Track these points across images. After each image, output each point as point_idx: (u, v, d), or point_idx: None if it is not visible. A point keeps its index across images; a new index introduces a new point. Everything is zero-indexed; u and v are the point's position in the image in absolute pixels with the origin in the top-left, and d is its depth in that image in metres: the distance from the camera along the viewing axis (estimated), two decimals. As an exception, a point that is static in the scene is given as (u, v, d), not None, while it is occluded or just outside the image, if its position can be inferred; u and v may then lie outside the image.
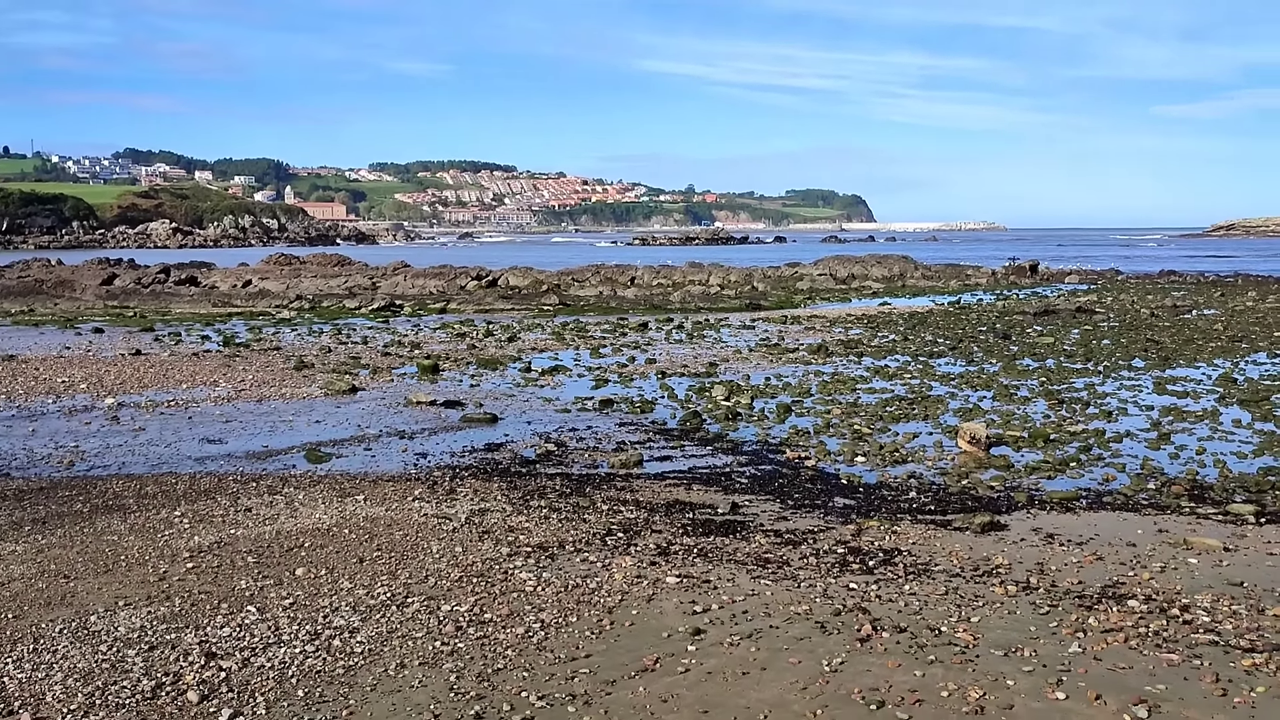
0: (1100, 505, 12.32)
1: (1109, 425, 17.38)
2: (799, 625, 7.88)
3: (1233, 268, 76.92)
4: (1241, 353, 27.30)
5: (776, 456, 14.94)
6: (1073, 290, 55.13)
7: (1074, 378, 22.73)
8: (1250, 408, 18.86)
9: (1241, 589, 8.82)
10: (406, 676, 7.07)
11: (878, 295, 52.89)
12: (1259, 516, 11.65)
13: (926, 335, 31.59)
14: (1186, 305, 42.93)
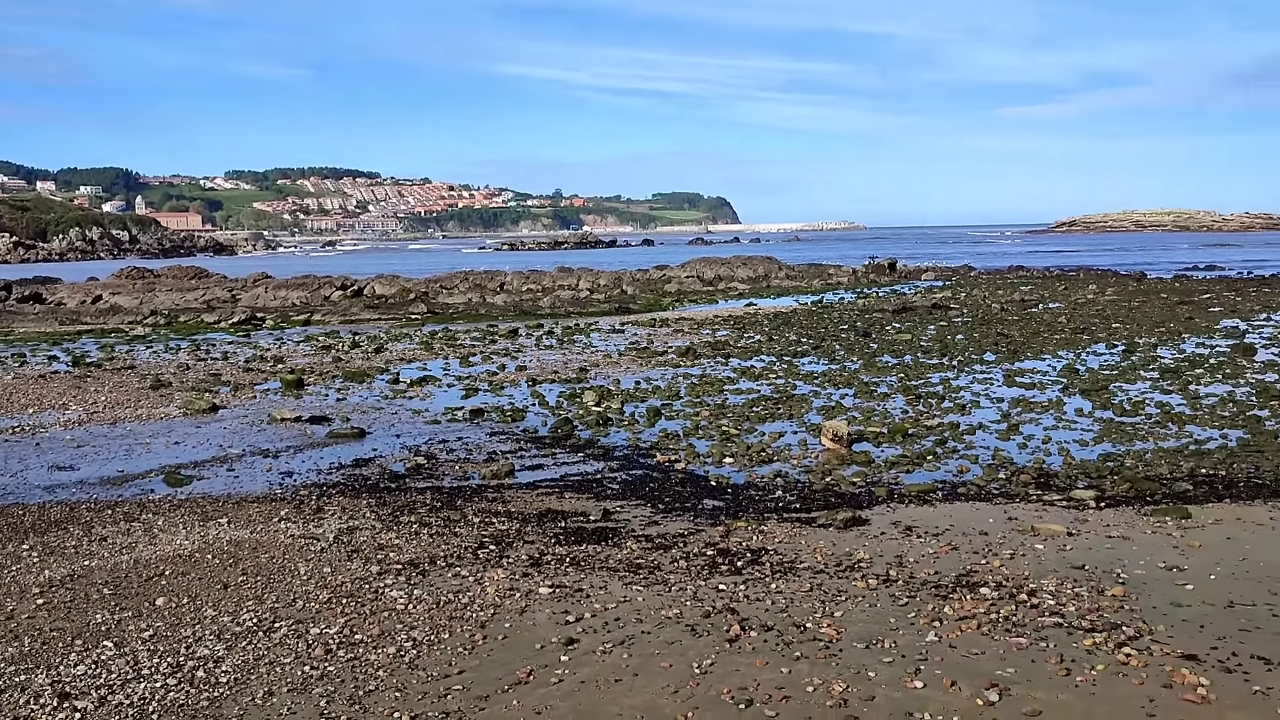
0: (955, 496, 12.88)
1: (963, 418, 18.16)
2: (670, 629, 8.03)
3: (1075, 262, 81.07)
4: (1083, 344, 28.84)
5: (647, 461, 15.12)
6: (929, 287, 57.22)
7: (930, 373, 23.64)
8: (1091, 397, 19.96)
9: (1083, 571, 9.37)
10: (275, 704, 6.93)
11: (744, 296, 53.85)
12: (1099, 501, 12.37)
13: (791, 335, 32.37)
14: (1034, 299, 45.08)
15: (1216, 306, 39.54)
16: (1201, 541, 10.34)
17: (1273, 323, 33.34)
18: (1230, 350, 26.43)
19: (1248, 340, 28.32)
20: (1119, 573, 9.28)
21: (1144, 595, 8.64)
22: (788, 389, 21.55)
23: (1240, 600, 8.46)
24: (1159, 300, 42.78)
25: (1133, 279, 58.41)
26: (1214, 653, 7.29)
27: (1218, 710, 6.36)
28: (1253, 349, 26.31)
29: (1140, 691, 6.65)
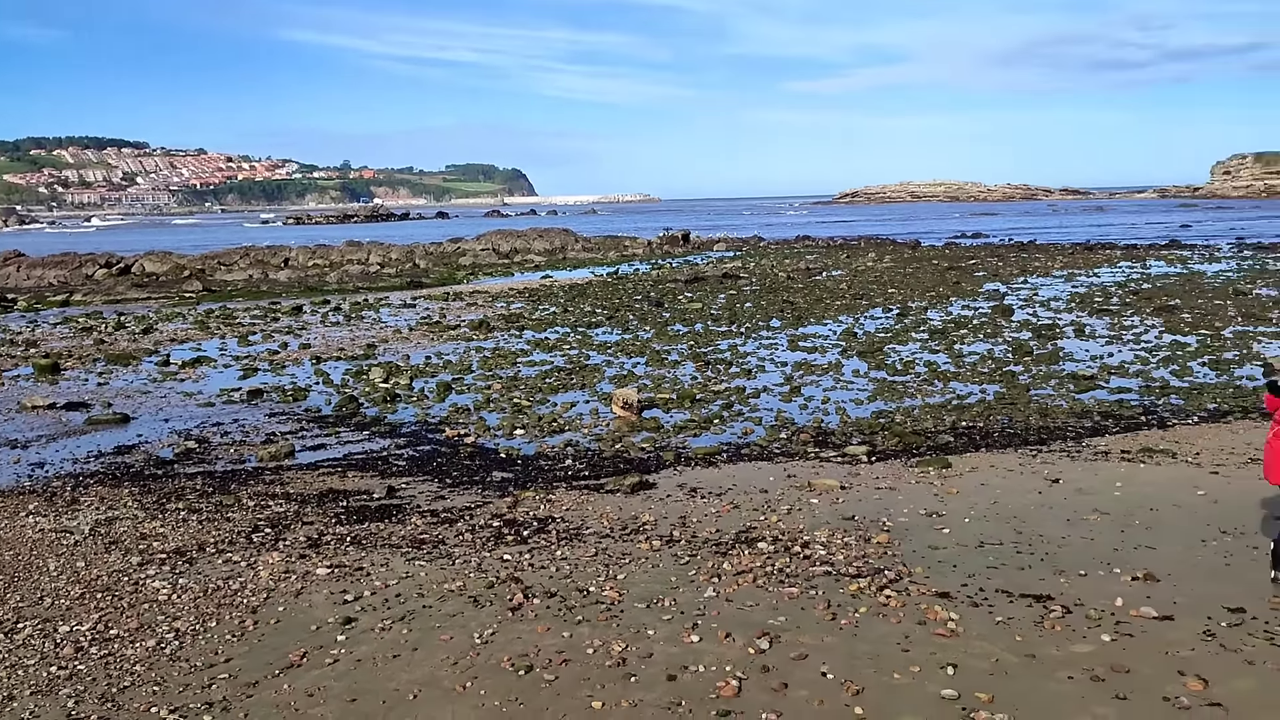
0: (739, 457, 13.26)
1: (749, 382, 18.73)
2: (452, 602, 7.90)
3: (856, 232, 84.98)
4: (862, 309, 30.28)
5: (436, 436, 14.84)
6: (721, 257, 58.70)
7: (719, 340, 24.26)
8: (867, 358, 20.98)
9: (853, 522, 9.82)
10: (15, 710, 6.39)
11: (540, 269, 53.70)
12: (870, 456, 13.01)
13: (585, 306, 32.52)
14: (818, 268, 46.97)
15: (980, 271, 42.28)
16: (959, 488, 11.03)
17: (1029, 286, 35.94)
18: (991, 311, 28.34)
19: (1006, 302, 30.44)
20: (885, 521, 9.78)
21: (906, 541, 9.13)
22: (581, 359, 21.64)
23: (989, 540, 9.07)
24: (930, 266, 45.34)
25: (908, 247, 61.73)
26: (964, 589, 7.79)
27: (964, 641, 6.79)
28: (1010, 310, 28.31)
29: (898, 629, 7.03)
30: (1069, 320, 26.00)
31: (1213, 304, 28.28)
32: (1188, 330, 23.47)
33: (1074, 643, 6.76)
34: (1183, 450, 12.68)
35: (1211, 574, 8.09)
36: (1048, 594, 7.65)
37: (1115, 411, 15.55)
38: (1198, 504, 10.12)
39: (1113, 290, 32.94)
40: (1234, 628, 6.94)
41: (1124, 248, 54.65)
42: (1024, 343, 22.29)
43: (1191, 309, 27.28)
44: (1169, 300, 29.24)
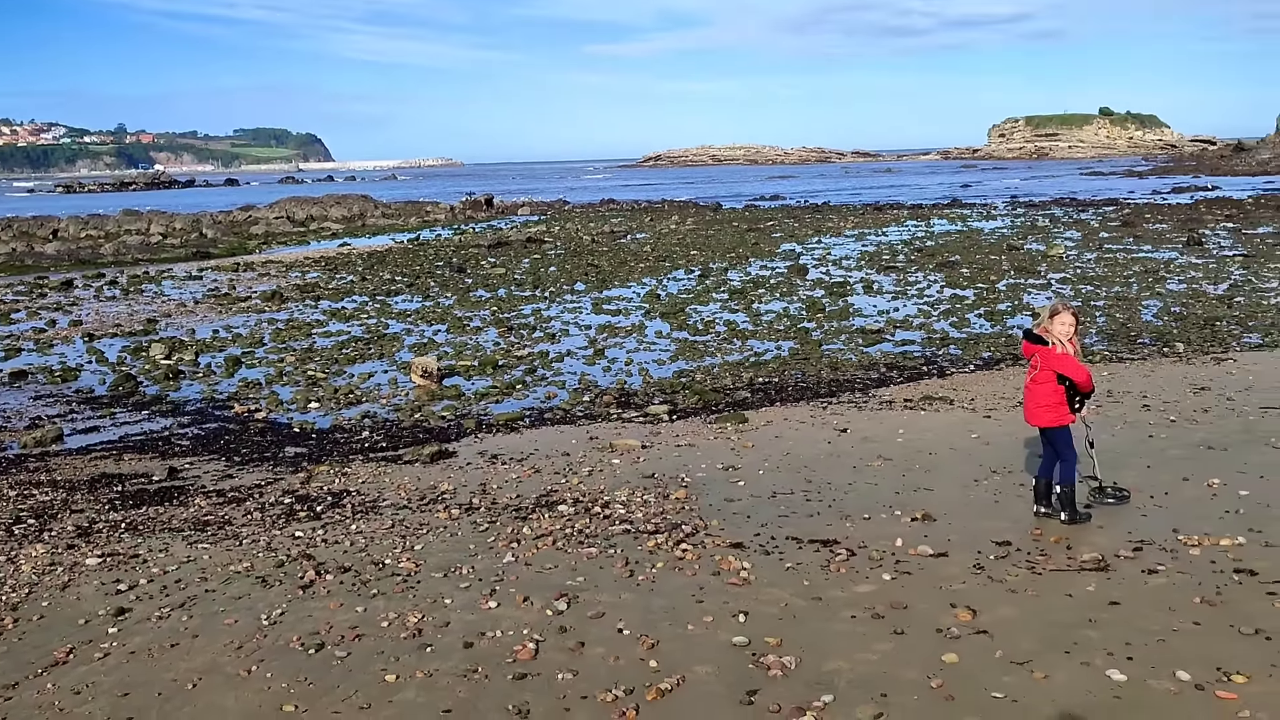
0: (542, 422, 13.22)
1: (553, 347, 18.68)
2: (238, 584, 7.53)
3: (661, 195, 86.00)
4: (665, 271, 30.70)
5: (223, 413, 14.13)
6: (525, 221, 58.28)
7: (523, 305, 24.10)
8: (669, 319, 21.29)
9: (653, 480, 9.95)
10: None
11: (338, 236, 51.93)
12: (672, 414, 13.21)
13: (385, 274, 31.65)
14: (622, 231, 47.30)
15: (778, 233, 43.59)
16: (754, 442, 11.35)
17: (823, 245, 37.31)
18: (787, 271, 29.27)
19: (801, 262, 31.50)
20: (684, 477, 9.95)
21: (704, 495, 9.32)
22: (379, 328, 21.06)
23: (781, 490, 9.37)
24: (731, 229, 46.42)
25: (710, 209, 63.01)
26: (756, 539, 8.01)
27: (756, 589, 6.98)
28: (805, 269, 29.32)
29: (693, 582, 7.16)
30: (859, 278, 27.15)
31: (989, 259, 30.12)
32: (966, 284, 24.91)
33: (857, 583, 7.06)
34: (960, 397, 13.46)
35: (983, 511, 8.61)
36: (834, 538, 7.95)
37: (900, 363, 16.35)
38: (972, 446, 10.75)
39: (899, 248, 34.58)
40: (1000, 560, 7.40)
41: (910, 207, 57.48)
42: (817, 300, 23.13)
43: (970, 264, 28.97)
44: (950, 256, 30.94)
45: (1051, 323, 8.26)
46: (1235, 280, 23.52)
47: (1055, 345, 8.19)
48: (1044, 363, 8.18)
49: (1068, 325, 8.27)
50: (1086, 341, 17.47)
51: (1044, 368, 8.19)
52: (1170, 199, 56.18)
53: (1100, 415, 12.02)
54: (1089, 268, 26.97)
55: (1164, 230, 36.65)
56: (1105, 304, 20.95)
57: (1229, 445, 10.46)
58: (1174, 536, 7.77)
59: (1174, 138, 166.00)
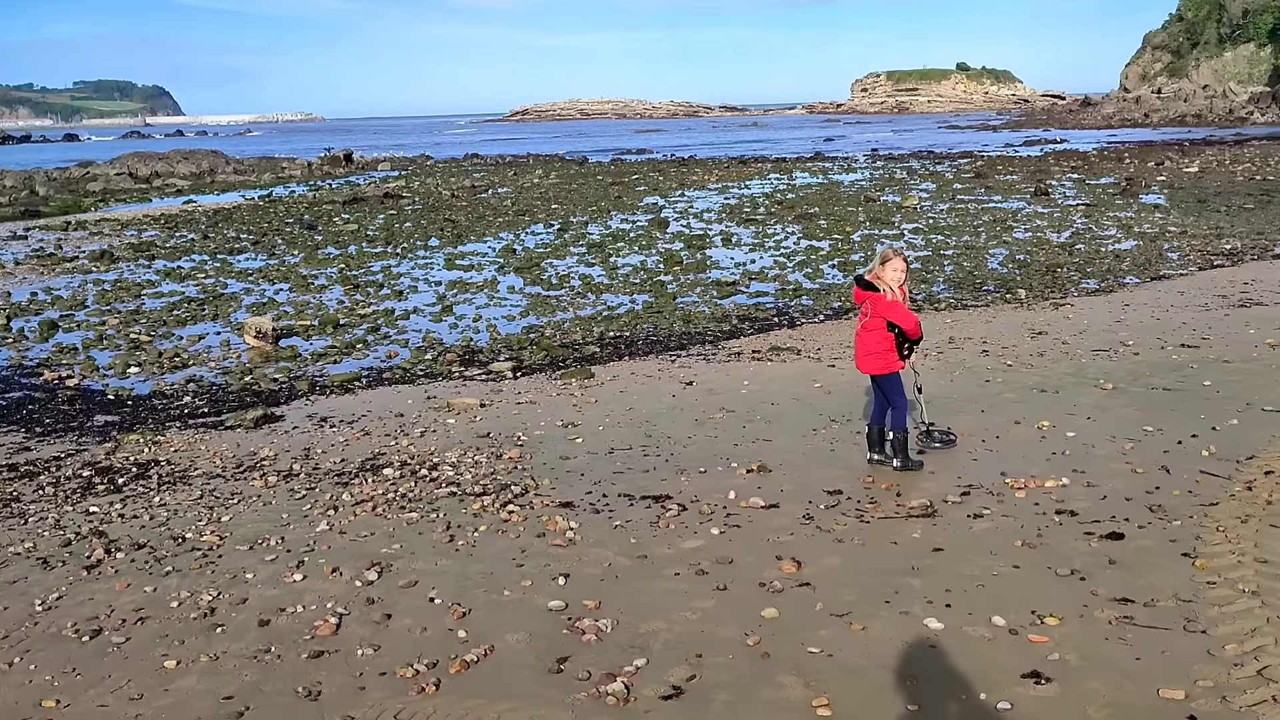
0: (380, 382, 12.65)
1: (399, 304, 18.00)
2: (15, 567, 6.86)
3: (526, 149, 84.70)
4: (524, 225, 30.08)
5: (31, 380, 13.10)
6: (385, 177, 56.53)
7: (373, 261, 23.22)
8: (523, 274, 20.79)
9: (488, 439, 9.55)
10: None
11: (183, 193, 49.41)
12: (516, 371, 12.80)
13: (230, 232, 30.17)
14: (484, 185, 46.31)
15: (642, 186, 43.30)
16: (598, 398, 11.04)
17: (685, 199, 37.17)
18: (648, 224, 29.01)
19: (663, 215, 31.28)
20: (520, 436, 9.58)
21: (538, 453, 8.98)
22: (217, 288, 19.97)
23: (620, 446, 9.10)
24: (595, 182, 45.92)
25: (575, 163, 62.32)
26: (588, 497, 7.72)
27: (580, 549, 6.70)
28: (666, 222, 29.10)
29: (515, 545, 6.82)
30: (718, 230, 27.07)
31: (846, 211, 30.45)
32: (822, 236, 25.08)
33: (685, 539, 6.84)
34: (807, 347, 13.42)
35: (818, 460, 8.50)
36: (667, 494, 7.72)
37: (752, 314, 16.27)
38: (814, 395, 10.68)
39: (760, 201, 34.70)
40: (830, 509, 7.29)
41: (774, 161, 57.91)
42: (675, 253, 22.94)
43: (828, 216, 29.22)
44: (809, 209, 31.16)
45: (883, 269, 8.15)
46: (1077, 228, 24.29)
47: (885, 292, 8.09)
48: (874, 309, 8.08)
49: (899, 272, 8.18)
50: (934, 290, 17.74)
51: (874, 315, 8.09)
52: (1021, 151, 58.05)
53: (942, 362, 12.13)
54: (941, 218, 27.50)
55: (1014, 181, 37.74)
56: (954, 253, 21.34)
57: (1061, 388, 10.65)
58: (1001, 480, 7.80)
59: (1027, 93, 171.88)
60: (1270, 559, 6.17)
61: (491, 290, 19.17)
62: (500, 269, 21.63)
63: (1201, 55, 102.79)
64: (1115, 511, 7.03)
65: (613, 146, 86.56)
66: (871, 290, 8.09)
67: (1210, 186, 33.97)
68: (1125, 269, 18.91)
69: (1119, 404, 9.91)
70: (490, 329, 15.67)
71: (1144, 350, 12.24)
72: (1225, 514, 6.91)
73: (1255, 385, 10.41)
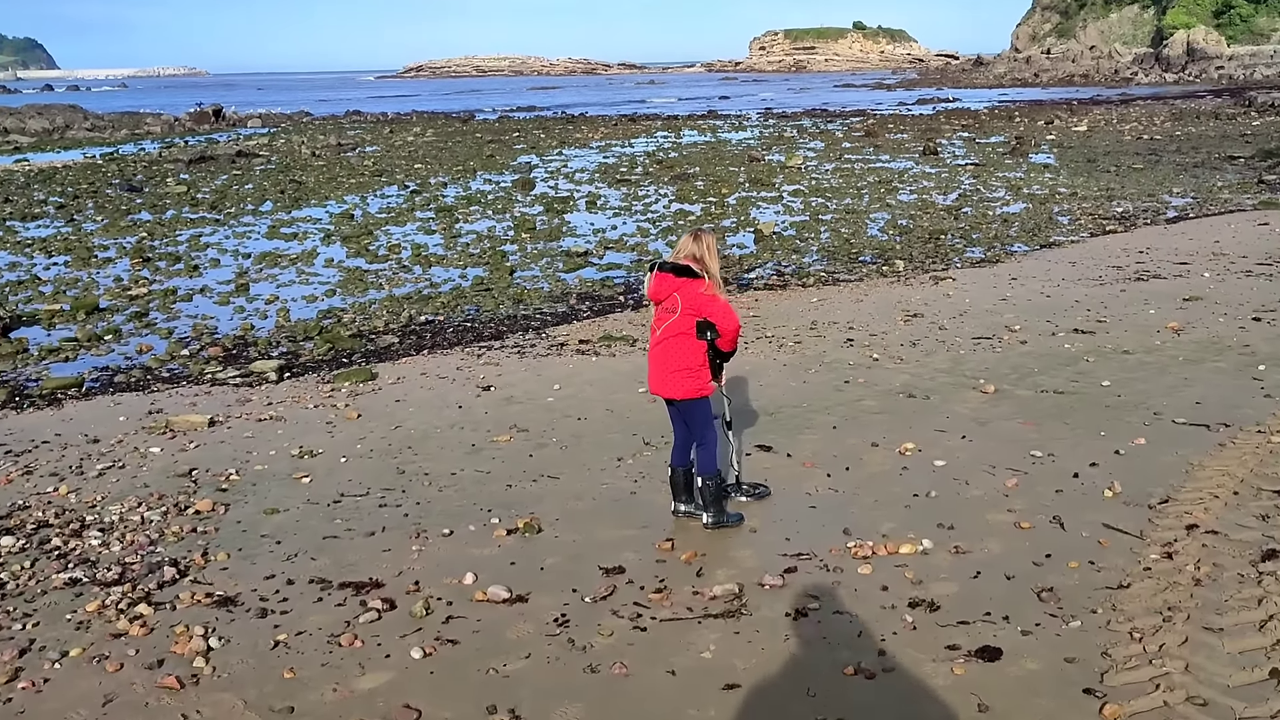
0: (110, 387, 10.12)
1: (188, 282, 15.33)
2: None
3: (413, 106, 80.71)
4: (378, 186, 27.34)
5: None
6: (252, 134, 52.76)
7: (184, 229, 20.36)
8: (350, 243, 18.22)
9: (186, 479, 7.16)
10: None
11: (22, 151, 45.06)
12: (282, 372, 10.36)
13: (39, 194, 26.76)
14: (351, 144, 43.09)
15: (521, 144, 40.67)
16: (365, 409, 8.74)
17: (563, 157, 34.71)
18: (512, 185, 26.54)
19: (532, 175, 28.82)
20: (233, 473, 7.23)
21: (239, 504, 6.64)
22: (-21, 263, 16.97)
23: (353, 490, 6.82)
24: (473, 140, 43.12)
25: (459, 120, 59.17)
26: (265, 585, 5.40)
27: (197, 694, 4.34)
28: (532, 183, 26.65)
29: (102, 689, 4.49)
30: (586, 192, 24.77)
31: (728, 170, 28.38)
32: (696, 198, 22.97)
33: (369, 669, 4.61)
34: (645, 335, 11.25)
35: (610, 510, 6.36)
36: (377, 579, 5.48)
37: (595, 292, 14.07)
38: (632, 406, 8.54)
39: (640, 160, 32.44)
40: (599, 603, 5.13)
41: (665, 118, 55.60)
42: (530, 218, 20.59)
43: (707, 176, 27.12)
44: (688, 169, 29.00)
45: (701, 248, 5.94)
46: (964, 190, 22.60)
47: (709, 282, 5.91)
48: (687, 304, 5.87)
49: (716, 256, 6.03)
50: (805, 260, 15.74)
51: (685, 310, 5.88)
52: (914, 110, 56.75)
53: (797, 355, 10.08)
54: (825, 179, 25.61)
55: (904, 140, 36.12)
56: (833, 218, 19.40)
57: (933, 391, 8.68)
58: (844, 542, 5.75)
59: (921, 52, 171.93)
60: (1209, 690, 4.20)
61: (306, 264, 16.58)
62: (326, 238, 19.01)
63: (1089, 16, 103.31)
64: (991, 603, 5.02)
65: (504, 104, 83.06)
66: (687, 277, 5.88)
67: (1099, 146, 32.80)
68: (1013, 235, 17.18)
69: (1001, 414, 7.98)
70: (281, 313, 13.17)
71: (1032, 337, 10.38)
72: (1139, 604, 4.96)
73: (1160, 385, 8.59)
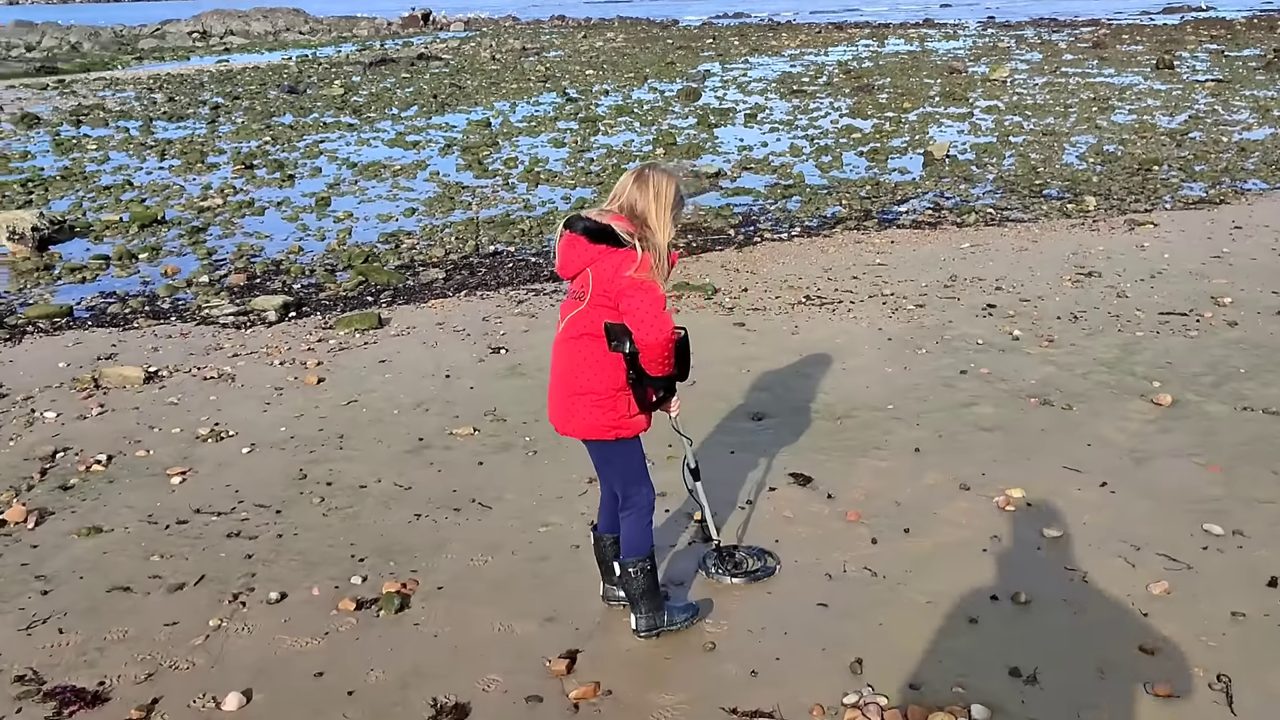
0: (98, 322, 8.85)
1: (275, 193, 14.12)
2: None
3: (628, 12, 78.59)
4: (535, 93, 25.63)
5: None
6: (449, 38, 52.28)
7: (313, 133, 19.30)
8: (467, 154, 16.59)
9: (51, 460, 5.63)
10: None
11: (231, 52, 46.14)
12: (287, 310, 8.77)
13: (206, 95, 26.57)
14: (536, 48, 41.61)
15: (708, 51, 38.01)
16: (330, 372, 7.03)
17: (746, 65, 31.94)
18: (676, 94, 24.24)
19: (704, 85, 26.38)
20: (100, 462, 5.65)
21: (69, 512, 5.03)
22: (79, 165, 16.32)
23: (216, 503, 5.04)
24: (662, 46, 40.87)
25: (659, 26, 56.90)
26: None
27: None
28: (698, 93, 24.22)
29: None
30: (752, 104, 22.18)
31: (922, 83, 25.01)
32: (871, 113, 20.03)
33: None
34: (733, 283, 9.04)
35: (520, 579, 4.35)
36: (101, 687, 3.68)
37: (704, 223, 11.81)
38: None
39: (829, 70, 29.29)
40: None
41: (874, 26, 51.28)
42: (676, 132, 18.35)
43: (895, 88, 23.92)
44: (876, 80, 25.78)
45: (645, 196, 3.67)
46: (1197, 110, 18.62)
47: (643, 252, 3.63)
48: (599, 288, 3.62)
49: (669, 219, 3.70)
50: (973, 192, 12.90)
51: (595, 299, 3.62)
52: (1157, 19, 49.93)
53: (910, 325, 7.63)
54: (1030, 94, 21.94)
55: (1136, 53, 31.14)
56: (1024, 141, 16.19)
57: (1079, 396, 6.15)
58: (843, 695, 3.52)
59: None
60: None
61: (407, 176, 15.05)
62: (446, 148, 17.42)
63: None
64: None
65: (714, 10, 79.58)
66: (607, 244, 3.63)
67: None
68: (1249, 168, 13.61)
69: (1174, 445, 5.42)
70: (341, 235, 11.62)
71: (1248, 316, 7.53)
72: None
73: None
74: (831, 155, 15.76)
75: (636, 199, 3.61)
